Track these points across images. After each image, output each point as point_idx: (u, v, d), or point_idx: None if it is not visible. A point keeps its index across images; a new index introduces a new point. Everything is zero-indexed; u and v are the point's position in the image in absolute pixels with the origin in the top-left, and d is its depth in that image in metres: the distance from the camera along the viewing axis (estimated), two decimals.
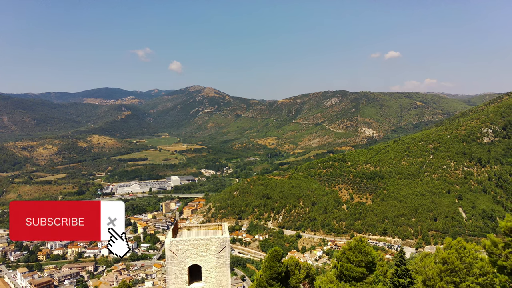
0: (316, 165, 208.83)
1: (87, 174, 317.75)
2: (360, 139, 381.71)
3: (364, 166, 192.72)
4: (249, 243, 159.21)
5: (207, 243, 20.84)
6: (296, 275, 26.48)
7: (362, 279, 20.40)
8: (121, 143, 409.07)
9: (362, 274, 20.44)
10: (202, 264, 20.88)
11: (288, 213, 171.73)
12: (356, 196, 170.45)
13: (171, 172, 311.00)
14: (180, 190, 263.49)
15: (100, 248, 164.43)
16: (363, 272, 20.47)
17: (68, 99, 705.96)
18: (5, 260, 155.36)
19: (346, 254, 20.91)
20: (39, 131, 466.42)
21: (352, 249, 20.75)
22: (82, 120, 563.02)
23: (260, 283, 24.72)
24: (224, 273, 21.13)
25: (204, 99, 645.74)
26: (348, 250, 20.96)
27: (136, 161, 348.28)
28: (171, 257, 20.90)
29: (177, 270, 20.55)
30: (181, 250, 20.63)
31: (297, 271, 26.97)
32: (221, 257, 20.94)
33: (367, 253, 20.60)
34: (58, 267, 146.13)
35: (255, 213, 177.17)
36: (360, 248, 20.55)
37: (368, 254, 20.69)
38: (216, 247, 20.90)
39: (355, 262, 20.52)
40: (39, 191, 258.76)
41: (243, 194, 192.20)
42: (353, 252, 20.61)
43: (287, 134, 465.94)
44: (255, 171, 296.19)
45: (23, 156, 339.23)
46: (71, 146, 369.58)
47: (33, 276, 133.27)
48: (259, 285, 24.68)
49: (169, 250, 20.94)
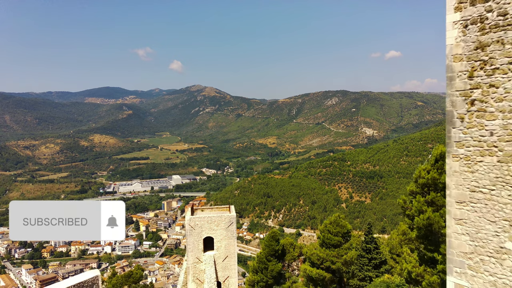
0: (316, 164, 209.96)
1: (89, 173, 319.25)
2: (361, 138, 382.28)
3: (363, 166, 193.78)
4: (250, 241, 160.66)
5: (218, 219, 25.39)
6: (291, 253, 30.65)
7: (339, 246, 25.19)
8: (122, 142, 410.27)
9: (339, 242, 25.21)
10: (215, 236, 25.42)
11: (288, 211, 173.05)
12: (355, 195, 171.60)
13: (172, 171, 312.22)
14: (181, 189, 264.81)
15: (103, 246, 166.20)
16: (340, 241, 25.26)
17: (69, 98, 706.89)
18: (9, 257, 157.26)
19: (328, 227, 25.43)
20: (41, 130, 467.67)
21: (332, 223, 25.33)
22: (83, 119, 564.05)
23: (260, 259, 28.95)
24: (232, 244, 25.72)
25: (205, 98, 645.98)
26: (329, 224, 25.49)
27: (138, 160, 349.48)
28: (190, 230, 25.41)
29: (194, 241, 25.19)
30: (197, 225, 25.15)
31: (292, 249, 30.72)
32: (229, 231, 25.55)
33: (343, 226, 25.28)
34: (62, 264, 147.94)
35: (256, 212, 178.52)
36: (338, 222, 25.23)
37: (344, 226, 25.34)
38: (225, 222, 25.42)
39: (333, 233, 25.14)
40: (41, 189, 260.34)
41: (244, 193, 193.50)
42: (332, 225, 25.25)
43: (287, 133, 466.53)
44: (256, 170, 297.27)
45: (25, 155, 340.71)
46: (73, 145, 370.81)
47: (37, 272, 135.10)
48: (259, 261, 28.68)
49: (188, 225, 25.31)
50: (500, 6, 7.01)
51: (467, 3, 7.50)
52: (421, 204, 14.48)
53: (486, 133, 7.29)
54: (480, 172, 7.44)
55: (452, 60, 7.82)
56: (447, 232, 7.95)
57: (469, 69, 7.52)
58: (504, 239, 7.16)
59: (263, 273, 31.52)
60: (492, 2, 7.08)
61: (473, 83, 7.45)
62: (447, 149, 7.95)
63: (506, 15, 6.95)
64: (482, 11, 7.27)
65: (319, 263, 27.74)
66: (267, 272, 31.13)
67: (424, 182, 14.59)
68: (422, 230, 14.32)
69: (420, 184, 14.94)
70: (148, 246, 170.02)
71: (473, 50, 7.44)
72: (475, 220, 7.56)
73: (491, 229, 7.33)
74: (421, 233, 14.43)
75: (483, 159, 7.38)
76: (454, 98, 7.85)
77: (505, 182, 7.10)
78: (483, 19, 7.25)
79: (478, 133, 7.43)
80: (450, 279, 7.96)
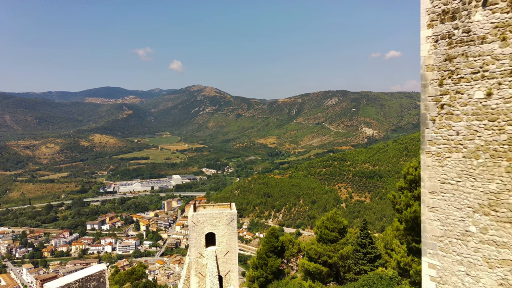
0: (316, 164, 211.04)
1: (89, 172, 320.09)
2: (361, 138, 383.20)
3: (363, 165, 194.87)
4: (250, 240, 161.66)
5: (219, 215, 26.54)
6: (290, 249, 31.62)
7: (336, 241, 26.27)
8: (122, 142, 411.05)
9: (336, 237, 26.28)
10: (216, 232, 26.56)
11: (288, 211, 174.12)
12: (355, 195, 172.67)
13: (172, 171, 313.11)
14: (181, 188, 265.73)
15: (103, 245, 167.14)
16: (336, 236, 26.33)
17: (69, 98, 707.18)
18: (10, 256, 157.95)
19: (325, 223, 26.46)
20: (41, 130, 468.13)
21: (329, 219, 26.43)
22: (83, 119, 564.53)
23: (260, 255, 30.11)
24: (233, 239, 26.89)
25: (205, 98, 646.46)
26: (326, 220, 26.56)
27: (138, 160, 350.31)
28: (192, 226, 26.48)
29: (197, 237, 26.33)
30: (200, 221, 26.31)
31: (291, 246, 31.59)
32: (230, 227, 26.73)
33: (340, 222, 26.39)
34: (63, 264, 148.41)
35: (256, 211, 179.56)
36: (335, 218, 26.24)
37: (340, 222, 26.42)
38: (226, 219, 26.61)
39: (330, 228, 26.22)
40: (42, 189, 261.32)
41: (244, 192, 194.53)
42: (329, 221, 26.34)
43: (287, 133, 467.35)
44: (256, 170, 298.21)
45: (25, 155, 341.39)
46: (73, 145, 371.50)
47: (38, 272, 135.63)
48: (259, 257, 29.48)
49: (191, 221, 26.34)
50: (464, 24, 8.20)
51: (438, 21, 8.69)
52: (409, 198, 15.67)
53: (453, 132, 8.48)
54: (448, 166, 8.62)
55: (425, 70, 9.01)
56: (422, 218, 9.14)
57: (439, 77, 8.71)
58: (469, 223, 8.33)
59: (263, 269, 32.62)
60: (458, 21, 8.27)
61: (443, 90, 8.64)
62: (421, 146, 9.14)
63: (469, 32, 8.13)
64: (450, 28, 8.45)
65: (316, 257, 28.92)
66: (266, 268, 32.23)
67: (411, 178, 15.79)
68: (409, 223, 15.51)
69: (408, 180, 16.15)
70: (148, 245, 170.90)
71: (442, 62, 8.62)
72: (444, 207, 8.75)
73: (458, 215, 8.51)
74: (409, 225, 15.62)
75: (451, 155, 8.56)
76: (427, 103, 9.04)
77: (469, 175, 8.28)
78: (451, 35, 8.44)
79: (447, 133, 8.62)
80: (425, 259, 9.14)
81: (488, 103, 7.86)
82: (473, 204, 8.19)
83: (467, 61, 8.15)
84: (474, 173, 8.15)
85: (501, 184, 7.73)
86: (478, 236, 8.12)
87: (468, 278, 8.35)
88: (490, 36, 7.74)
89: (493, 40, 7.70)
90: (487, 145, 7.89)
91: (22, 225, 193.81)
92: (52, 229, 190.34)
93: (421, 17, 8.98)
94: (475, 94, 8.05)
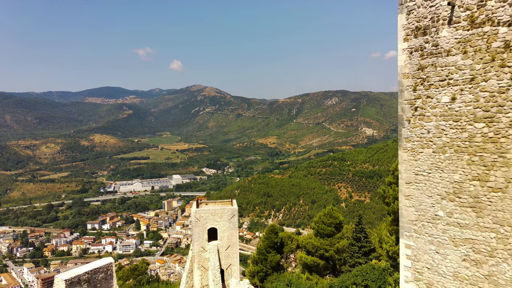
0: (316, 164, 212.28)
1: (90, 172, 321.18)
2: (361, 138, 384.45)
3: (363, 165, 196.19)
4: (250, 240, 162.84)
5: (221, 211, 28.00)
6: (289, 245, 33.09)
7: (332, 235, 27.74)
8: (123, 142, 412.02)
9: (332, 232, 27.71)
10: (218, 227, 28.06)
11: (288, 211, 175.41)
12: (354, 195, 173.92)
13: (172, 171, 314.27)
14: (181, 188, 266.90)
15: (104, 245, 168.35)
16: (333, 231, 27.77)
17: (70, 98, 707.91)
18: (11, 256, 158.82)
19: (322, 218, 27.94)
20: (41, 130, 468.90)
21: (326, 215, 27.92)
22: (84, 119, 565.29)
23: (260, 250, 31.44)
24: (234, 234, 28.41)
25: (205, 98, 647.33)
26: (323, 216, 28.02)
27: (138, 160, 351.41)
28: (195, 222, 27.89)
29: (200, 231, 27.79)
30: (202, 216, 27.81)
31: (290, 242, 32.97)
32: (232, 222, 28.24)
33: (336, 217, 27.84)
34: (63, 263, 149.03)
35: (256, 211, 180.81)
36: (331, 214, 27.73)
37: (336, 218, 27.82)
38: (228, 214, 28.06)
39: (327, 223, 27.62)
40: (42, 189, 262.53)
41: (244, 192, 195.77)
42: (326, 217, 27.81)
43: (287, 133, 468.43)
44: (256, 170, 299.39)
45: (26, 154, 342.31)
46: (74, 145, 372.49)
47: (39, 271, 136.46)
48: (259, 252, 30.89)
49: (194, 217, 27.80)
50: (433, 39, 9.61)
51: (412, 36, 10.11)
52: (396, 192, 17.08)
53: (425, 131, 9.89)
54: (421, 160, 10.03)
55: (402, 77, 10.44)
56: (400, 205, 10.55)
57: (413, 84, 10.12)
58: (438, 208, 9.73)
59: (263, 264, 34.05)
60: (428, 36, 9.68)
61: (416, 95, 10.05)
62: (399, 143, 10.55)
63: (437, 46, 9.54)
64: (422, 42, 9.86)
65: (313, 251, 30.36)
66: (266, 263, 33.65)
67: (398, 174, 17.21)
68: (396, 214, 16.93)
69: (396, 176, 17.57)
70: (149, 245, 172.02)
71: (416, 70, 10.04)
72: (418, 195, 10.15)
73: (429, 202, 9.90)
74: (396, 216, 17.04)
75: (423, 150, 9.97)
76: (403, 106, 10.47)
77: (437, 167, 9.69)
78: (422, 48, 9.85)
79: (420, 131, 10.03)
80: (402, 240, 10.55)
81: (452, 106, 9.27)
82: (441, 192, 9.59)
83: (436, 71, 9.56)
84: (441, 165, 9.55)
85: (463, 174, 9.13)
86: (445, 219, 9.52)
87: (437, 255, 9.75)
88: (454, 50, 9.15)
89: (456, 53, 9.11)
90: (452, 142, 9.30)
91: (23, 225, 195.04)
92: (53, 228, 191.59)
93: (398, 32, 10.41)
94: (442, 99, 9.46)
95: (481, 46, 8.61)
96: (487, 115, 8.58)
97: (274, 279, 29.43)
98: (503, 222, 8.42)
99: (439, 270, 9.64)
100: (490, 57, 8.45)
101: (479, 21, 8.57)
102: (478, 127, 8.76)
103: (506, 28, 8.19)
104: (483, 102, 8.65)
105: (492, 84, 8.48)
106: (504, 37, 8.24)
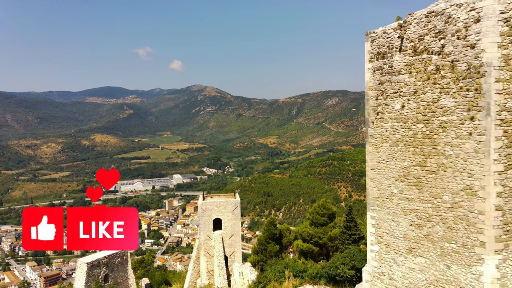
0: (316, 163, 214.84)
1: (91, 172, 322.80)
2: (361, 138, 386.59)
3: (363, 165, 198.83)
4: (250, 239, 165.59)
5: (225, 203, 31.16)
6: (287, 237, 36.73)
7: (325, 225, 30.83)
8: (123, 142, 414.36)
9: (325, 222, 30.81)
10: (222, 218, 31.08)
11: (288, 210, 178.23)
12: (354, 194, 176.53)
13: (173, 171, 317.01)
14: (182, 188, 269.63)
15: None
16: (326, 220, 30.87)
17: (70, 98, 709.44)
18: (14, 254, 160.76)
19: (316, 209, 31.24)
20: (42, 129, 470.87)
21: (320, 206, 31.19)
22: (84, 119, 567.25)
23: (261, 241, 34.47)
24: (237, 224, 31.54)
25: (206, 98, 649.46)
26: (317, 207, 31.31)
27: (139, 159, 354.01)
28: (202, 213, 31.10)
29: (206, 222, 30.94)
30: (208, 208, 31.00)
31: (288, 234, 36.38)
32: (235, 213, 31.40)
33: (329, 208, 31.14)
34: (65, 261, 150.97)
35: (256, 210, 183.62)
36: (325, 205, 31.03)
37: (329, 209, 31.08)
38: (231, 206, 31.28)
39: (321, 214, 30.68)
40: (44, 188, 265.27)
41: (244, 192, 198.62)
42: (320, 208, 31.12)
43: (288, 133, 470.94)
44: (256, 169, 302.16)
45: (27, 154, 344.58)
46: (74, 144, 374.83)
47: (42, 269, 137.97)
48: (260, 243, 34.03)
49: (200, 208, 31.07)
50: (389, 62, 12.98)
51: (374, 59, 13.48)
52: None
53: (384, 130, 13.24)
54: (381, 152, 13.38)
55: (368, 90, 13.82)
56: (367, 186, 13.86)
57: (376, 95, 13.48)
58: (393, 188, 13.08)
59: (263, 254, 37.40)
60: (386, 59, 13.04)
61: (378, 103, 13.41)
62: (366, 139, 13.88)
63: (392, 67, 12.89)
64: (381, 64, 13.21)
65: (308, 239, 33.69)
66: (266, 253, 36.97)
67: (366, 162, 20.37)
68: None
69: None
70: (150, 244, 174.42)
71: (377, 85, 13.39)
72: (379, 178, 13.49)
73: (387, 183, 13.25)
74: None
75: (383, 144, 13.32)
76: (369, 111, 13.84)
77: (392, 157, 13.05)
78: (382, 68, 13.20)
79: (380, 130, 13.39)
80: (368, 213, 13.87)
81: (402, 111, 12.62)
82: (395, 175, 12.93)
83: (391, 85, 12.91)
84: (395, 155, 12.89)
85: (410, 162, 12.48)
86: (398, 195, 12.85)
87: (393, 223, 13.09)
88: (403, 70, 12.49)
89: (405, 73, 12.45)
90: (402, 138, 12.65)
91: None
92: None
93: (365, 55, 13.77)
94: (395, 106, 12.81)
95: (421, 68, 11.92)
96: (425, 118, 11.91)
97: (273, 262, 32.85)
98: (436, 195, 11.72)
99: (394, 233, 12.97)
100: (426, 76, 11.77)
101: (419, 50, 11.88)
102: (419, 127, 12.09)
103: (437, 56, 11.49)
104: (422, 109, 11.98)
105: (428, 96, 11.80)
106: (436, 63, 11.55)
